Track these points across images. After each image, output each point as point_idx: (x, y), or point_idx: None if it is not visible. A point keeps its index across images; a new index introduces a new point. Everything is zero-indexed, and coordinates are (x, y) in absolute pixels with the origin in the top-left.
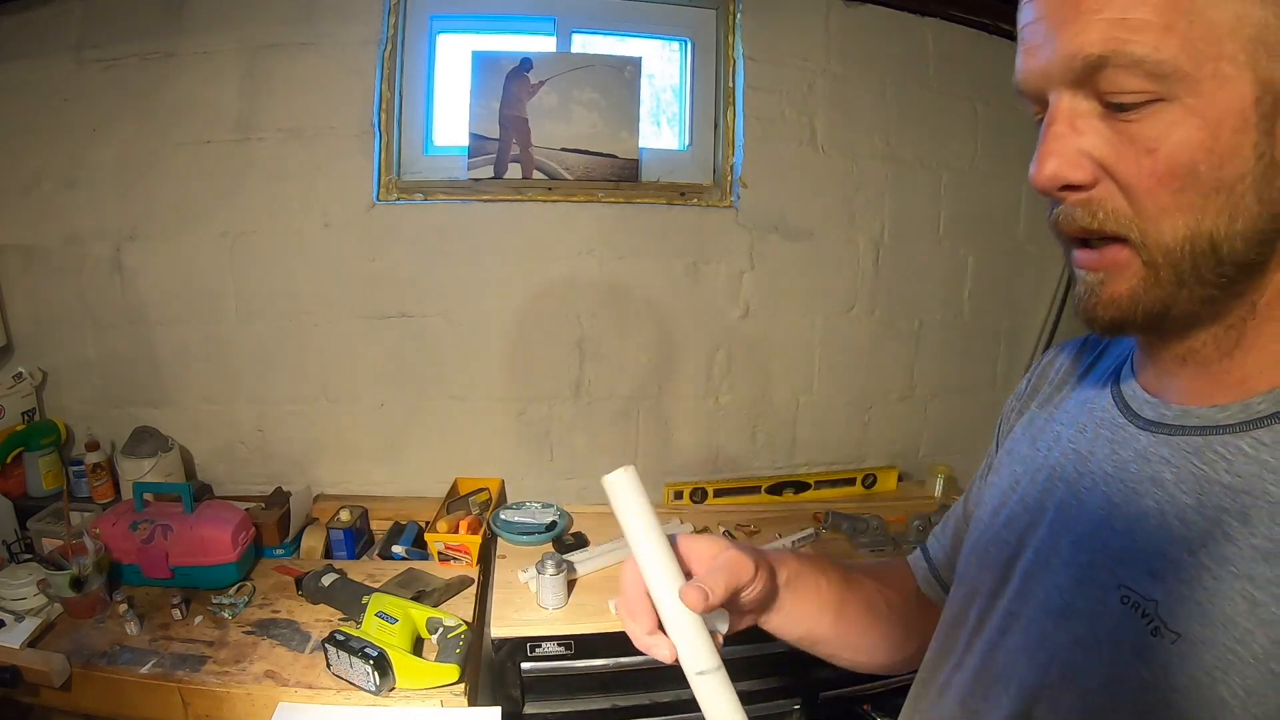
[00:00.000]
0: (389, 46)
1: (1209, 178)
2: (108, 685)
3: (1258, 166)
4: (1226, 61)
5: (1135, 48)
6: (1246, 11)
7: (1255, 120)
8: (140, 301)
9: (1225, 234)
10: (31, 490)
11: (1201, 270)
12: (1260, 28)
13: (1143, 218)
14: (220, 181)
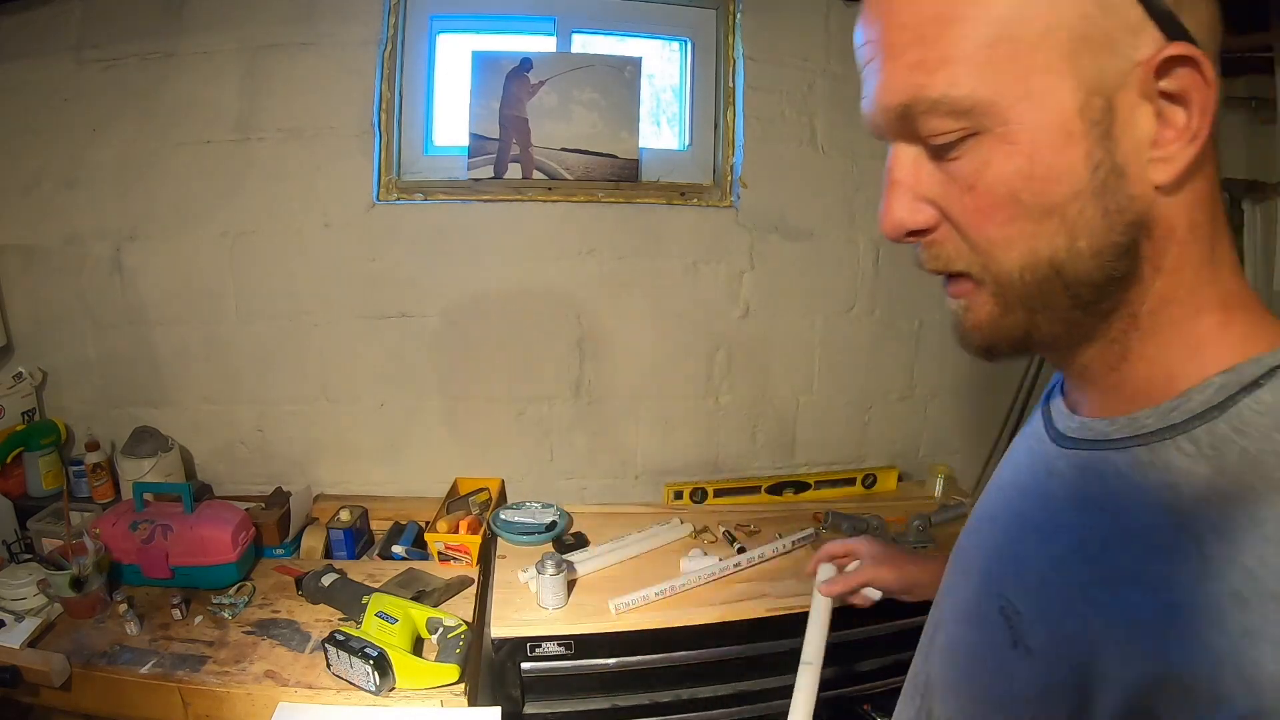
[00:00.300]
0: (389, 46)
1: (1034, 204)
2: (108, 685)
3: (1094, 179)
4: (1039, 76)
5: (931, 90)
6: (1062, 11)
7: (1083, 130)
8: (140, 301)
9: (1067, 256)
10: (31, 490)
11: (1050, 295)
12: (1078, 24)
13: (979, 253)
14: (220, 181)
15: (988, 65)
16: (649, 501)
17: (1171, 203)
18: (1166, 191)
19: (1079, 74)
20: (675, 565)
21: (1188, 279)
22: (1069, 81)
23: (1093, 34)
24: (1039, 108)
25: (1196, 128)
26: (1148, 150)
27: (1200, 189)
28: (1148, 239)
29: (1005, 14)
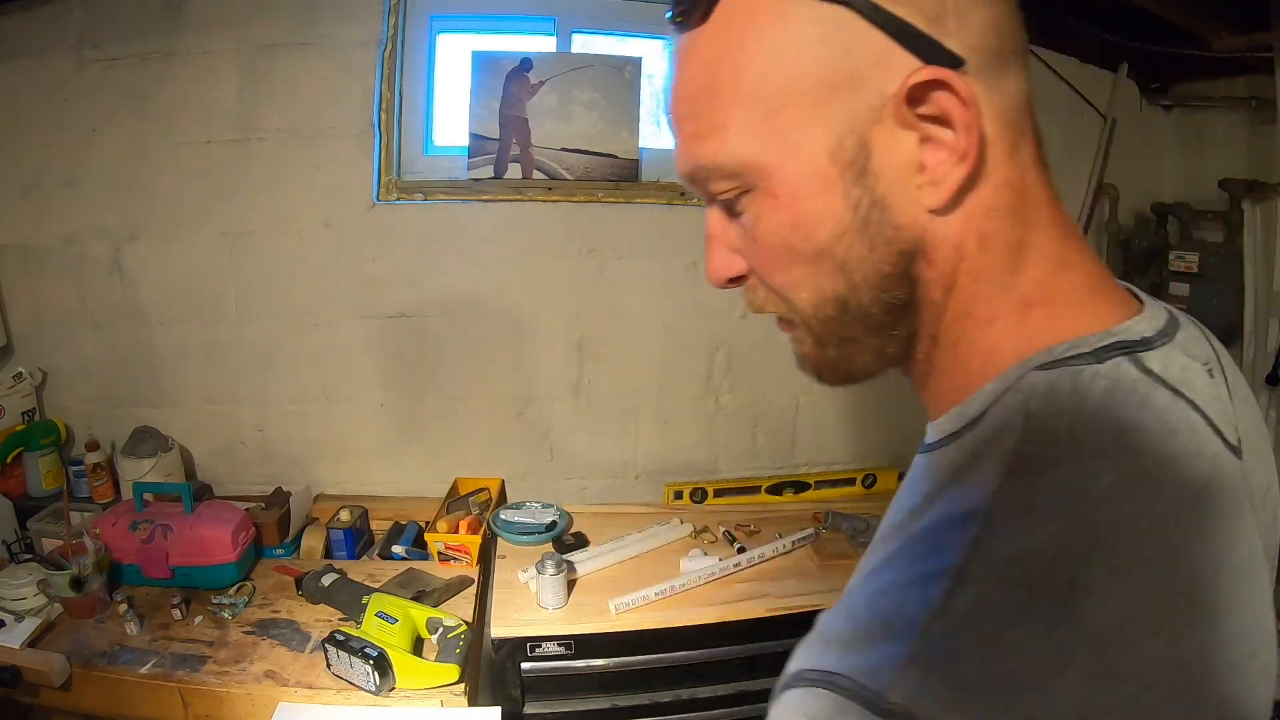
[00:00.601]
0: (389, 46)
1: (805, 249)
2: (108, 685)
3: (856, 217)
4: (792, 130)
5: (704, 158)
6: (805, 65)
7: (837, 173)
8: (140, 301)
9: (848, 291)
10: (31, 490)
11: (846, 328)
12: (824, 73)
13: (780, 295)
14: (220, 181)
15: (747, 128)
16: (649, 501)
17: (952, 222)
18: (944, 213)
19: (828, 121)
20: (675, 565)
21: (983, 291)
22: (819, 130)
23: (838, 79)
24: (795, 160)
25: (964, 147)
26: (915, 177)
27: (988, 200)
28: (926, 263)
29: (756, 78)
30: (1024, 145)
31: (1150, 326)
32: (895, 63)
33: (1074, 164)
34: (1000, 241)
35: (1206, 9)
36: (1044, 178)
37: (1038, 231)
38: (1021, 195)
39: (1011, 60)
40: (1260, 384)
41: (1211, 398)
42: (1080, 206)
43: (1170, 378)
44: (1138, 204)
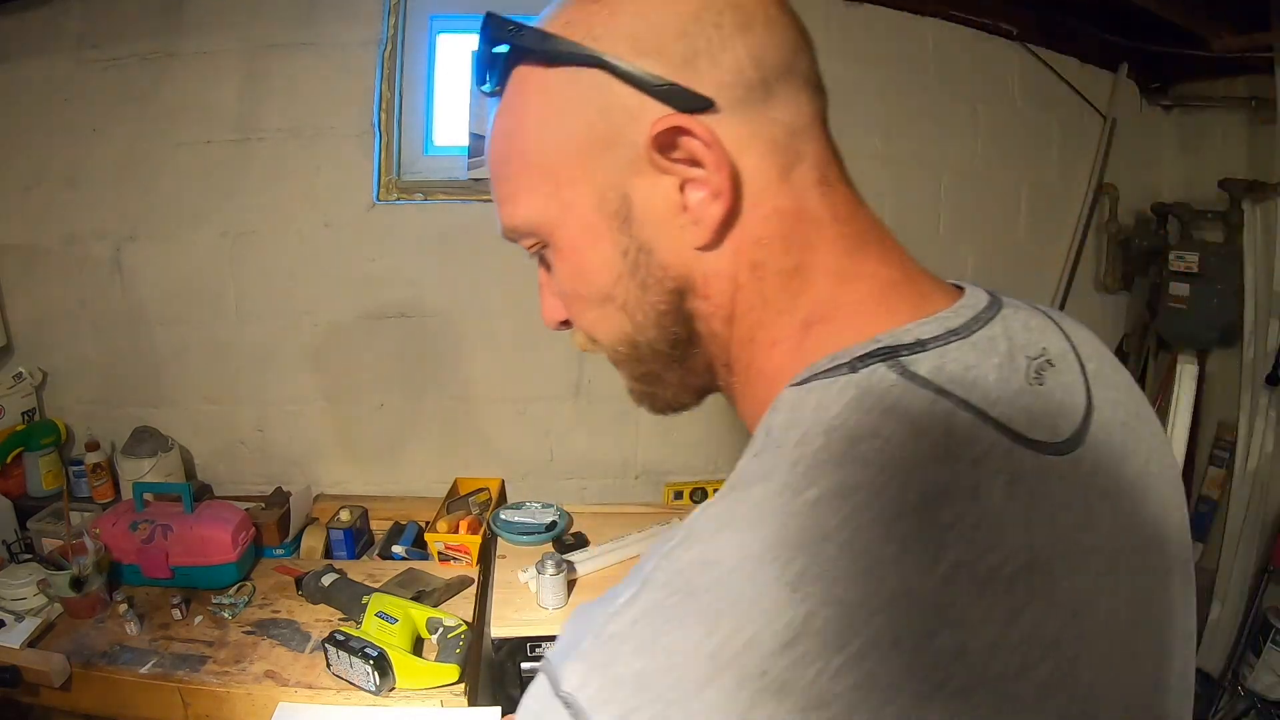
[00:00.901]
0: (389, 46)
1: (592, 295)
2: (108, 685)
3: (627, 262)
4: (565, 189)
5: (506, 219)
6: (570, 128)
7: (605, 224)
8: (140, 301)
9: (634, 330)
10: (31, 490)
11: (646, 363)
12: (585, 133)
13: (588, 336)
14: (220, 181)
15: (533, 192)
16: (649, 501)
17: (722, 255)
18: (710, 248)
19: (594, 177)
20: None
21: (763, 317)
22: (587, 187)
23: (598, 137)
24: (570, 216)
25: (717, 186)
26: (678, 219)
27: (757, 231)
28: (702, 298)
29: (534, 146)
30: (801, 168)
31: (940, 325)
32: (646, 114)
33: (1074, 164)
34: (774, 268)
35: (1206, 9)
36: (830, 195)
37: (819, 251)
38: (797, 219)
39: (780, 87)
40: (1260, 384)
41: (1010, 393)
42: (1080, 206)
43: (939, 378)
44: (1138, 204)
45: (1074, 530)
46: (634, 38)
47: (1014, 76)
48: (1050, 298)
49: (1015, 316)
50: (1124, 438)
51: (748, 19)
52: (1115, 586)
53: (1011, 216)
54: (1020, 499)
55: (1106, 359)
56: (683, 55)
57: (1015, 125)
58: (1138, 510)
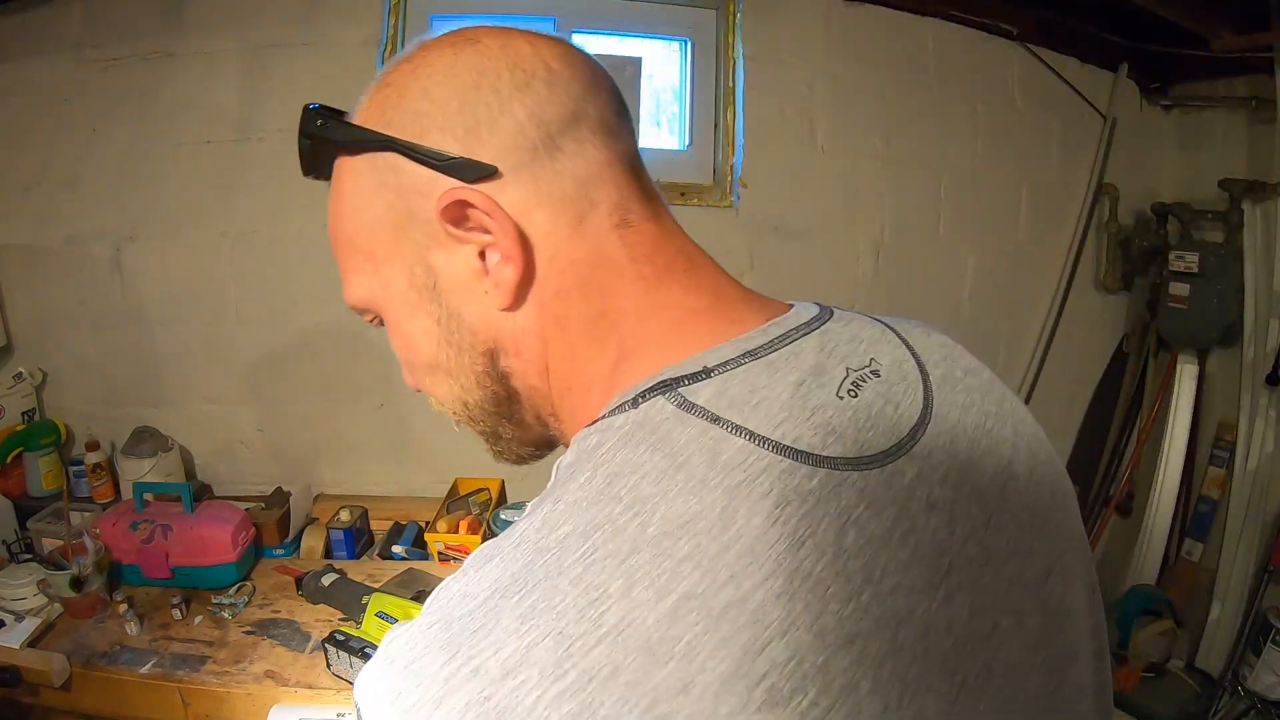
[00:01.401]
0: (389, 46)
1: (420, 363)
2: (108, 685)
3: (442, 330)
4: (383, 266)
5: (345, 297)
6: (376, 211)
7: (418, 297)
8: (140, 301)
9: (463, 391)
10: (31, 490)
11: (479, 422)
12: (388, 215)
13: (433, 398)
14: (220, 181)
15: (359, 273)
16: None
17: (526, 313)
18: (514, 309)
19: (402, 255)
20: None
21: (576, 365)
22: (399, 263)
23: (399, 216)
24: (389, 293)
25: (506, 249)
26: (480, 285)
27: (555, 285)
28: (513, 355)
29: (350, 229)
30: (595, 215)
31: (737, 348)
32: (435, 189)
33: (1074, 164)
34: (578, 318)
35: (1206, 9)
36: (629, 235)
37: (619, 294)
38: (593, 267)
39: (566, 140)
40: (1260, 384)
41: (806, 410)
42: (1080, 206)
43: (717, 404)
44: (1138, 204)
45: (879, 544)
46: (419, 116)
47: (1014, 76)
48: (1050, 298)
49: (842, 330)
50: (974, 442)
51: (526, 79)
52: (948, 597)
53: (1011, 216)
54: (789, 521)
55: (961, 363)
56: (465, 127)
57: (1015, 125)
58: (992, 516)
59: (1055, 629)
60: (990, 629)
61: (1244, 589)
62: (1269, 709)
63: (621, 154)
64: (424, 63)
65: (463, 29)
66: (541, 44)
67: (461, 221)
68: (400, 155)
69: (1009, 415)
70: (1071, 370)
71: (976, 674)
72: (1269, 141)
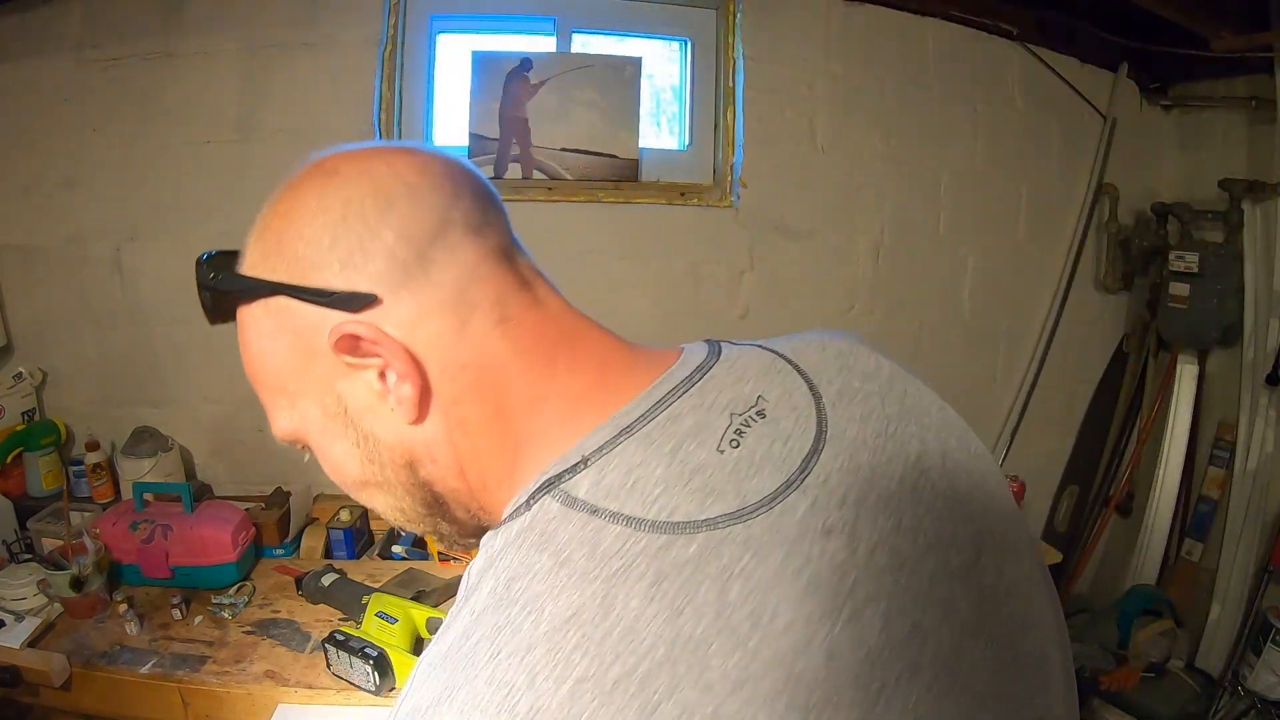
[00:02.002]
0: (389, 46)
1: (350, 482)
2: (108, 685)
3: (363, 451)
4: (299, 400)
5: (273, 431)
6: (281, 353)
7: (335, 425)
8: (140, 301)
9: (396, 501)
10: (31, 490)
11: (418, 524)
12: (292, 355)
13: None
14: (220, 182)
15: (279, 410)
16: None
17: (431, 423)
18: (420, 421)
19: (313, 389)
20: None
21: (485, 463)
22: (311, 397)
23: (301, 354)
24: (309, 424)
25: (399, 369)
26: (385, 404)
27: (451, 392)
28: (430, 463)
29: (261, 371)
30: (476, 316)
31: (614, 426)
32: (325, 325)
33: (1074, 164)
34: (477, 420)
35: (1206, 9)
36: (511, 329)
37: (510, 389)
38: (482, 368)
39: (437, 250)
40: (1260, 384)
41: (683, 477)
42: (1080, 206)
43: (596, 495)
44: (1138, 204)
45: (766, 588)
46: (299, 259)
47: (1014, 77)
48: (1050, 298)
49: (726, 373)
50: (877, 450)
51: (388, 200)
52: (854, 614)
53: (1011, 217)
54: (666, 595)
55: (859, 369)
56: (340, 260)
57: (1015, 125)
58: (903, 518)
59: (995, 606)
60: (909, 630)
61: (1244, 589)
62: (1269, 709)
63: (493, 249)
64: (294, 205)
65: (323, 160)
66: (398, 161)
67: (355, 350)
68: (289, 298)
69: (913, 411)
70: (1071, 370)
71: (899, 675)
72: (1269, 141)
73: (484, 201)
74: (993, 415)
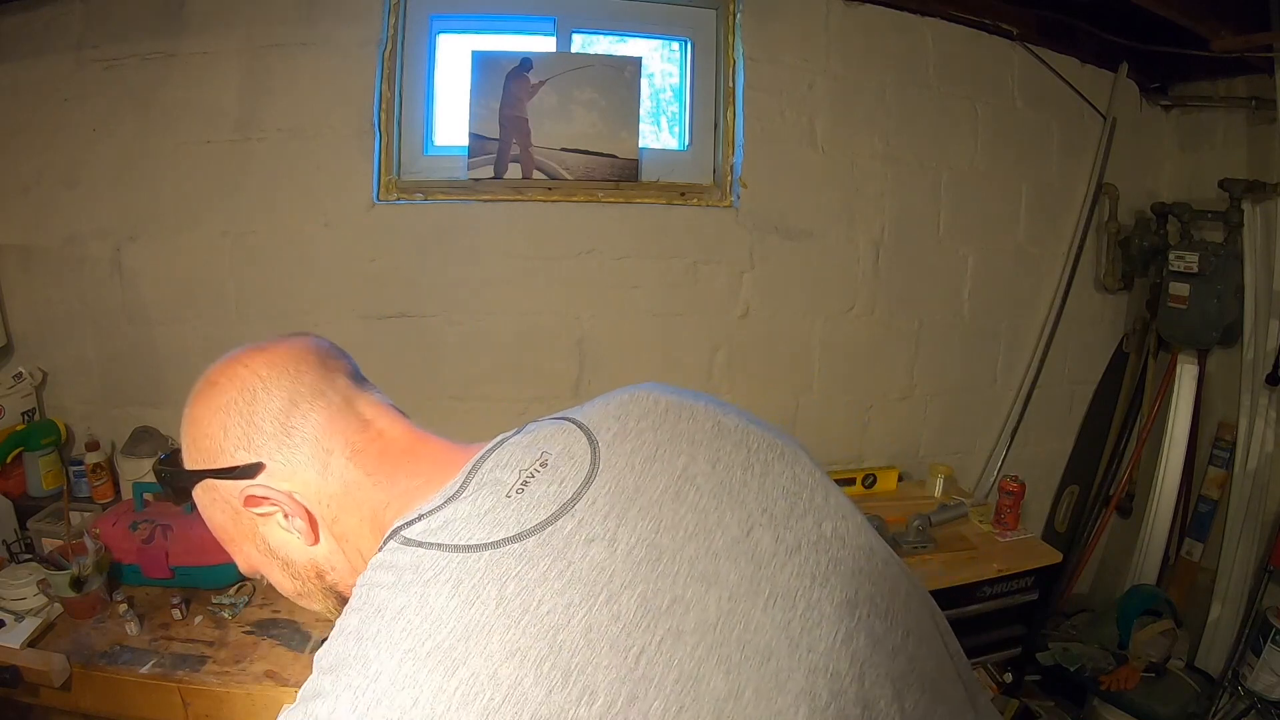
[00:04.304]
0: (389, 46)
1: (291, 593)
2: (108, 685)
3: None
4: (245, 545)
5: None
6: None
7: (268, 558)
8: (140, 301)
9: (323, 599)
10: (31, 490)
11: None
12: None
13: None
14: (220, 181)
15: (235, 554)
16: None
17: (325, 543)
18: (317, 543)
19: (246, 535)
20: None
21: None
22: (247, 542)
23: (232, 514)
24: (255, 560)
25: (291, 510)
26: (291, 537)
27: (329, 516)
28: (332, 571)
29: (218, 531)
30: (333, 458)
31: (442, 496)
32: (237, 491)
33: (1074, 164)
34: (354, 528)
35: (1206, 9)
36: (360, 458)
37: (369, 502)
38: (346, 493)
39: (295, 419)
40: (1260, 384)
41: (478, 515)
42: (1080, 206)
43: (424, 535)
44: (1138, 204)
45: (534, 584)
46: (207, 451)
47: (1014, 76)
48: (1050, 298)
49: (519, 441)
50: (643, 473)
51: (250, 395)
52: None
53: (1011, 216)
54: (462, 593)
55: (635, 412)
56: (234, 444)
57: (1015, 125)
58: (663, 520)
59: (772, 570)
60: (669, 603)
61: (1244, 589)
62: (1269, 709)
63: (336, 403)
64: (196, 414)
65: (208, 374)
66: (254, 361)
67: (260, 504)
68: (212, 479)
69: (684, 433)
70: (1072, 370)
71: (661, 639)
72: (1269, 141)
73: (323, 368)
74: (993, 415)
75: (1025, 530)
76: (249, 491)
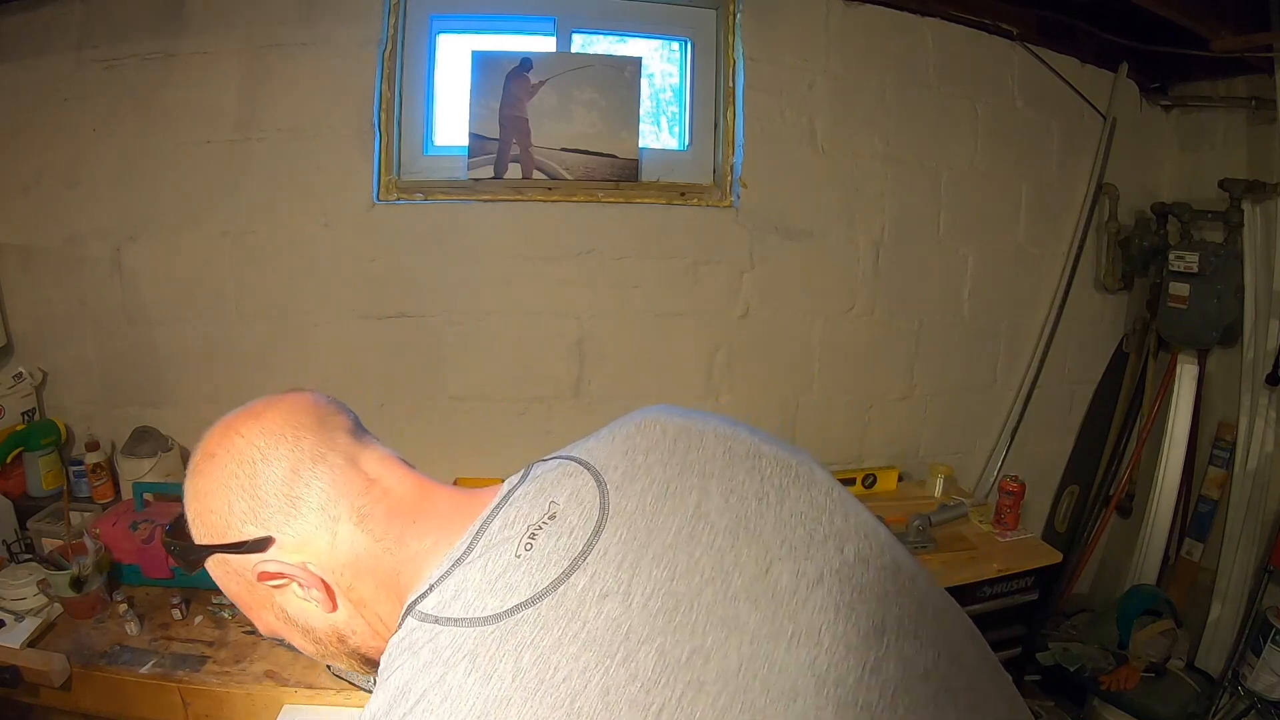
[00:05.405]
0: (389, 46)
1: (314, 654)
2: (108, 685)
3: (311, 638)
4: (264, 612)
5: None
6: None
7: (287, 624)
8: (140, 301)
9: (348, 660)
10: (31, 490)
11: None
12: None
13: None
14: (220, 181)
15: (255, 619)
16: None
17: (343, 609)
18: (335, 609)
19: (264, 604)
20: None
21: (386, 622)
22: (266, 610)
23: (247, 585)
24: (275, 625)
25: (305, 580)
26: (309, 605)
27: (344, 584)
28: (353, 635)
29: (233, 597)
30: (341, 525)
31: (449, 560)
32: (249, 565)
33: (1074, 164)
34: (369, 594)
35: (1206, 9)
36: (367, 524)
37: (380, 568)
38: (357, 559)
39: (299, 488)
40: (1260, 384)
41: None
42: (1080, 206)
43: (438, 609)
44: (1138, 204)
45: (549, 650)
46: (215, 526)
47: (1014, 76)
48: (1050, 298)
49: (526, 489)
50: (654, 514)
51: (251, 467)
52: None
53: (1011, 216)
54: (480, 669)
55: (643, 445)
56: (241, 517)
57: (1015, 125)
58: (679, 565)
59: (794, 607)
60: (688, 655)
61: (1244, 589)
62: (1269, 709)
63: (340, 464)
64: (198, 488)
65: (205, 444)
66: (251, 431)
67: (274, 577)
68: (226, 554)
69: (695, 464)
70: (1071, 370)
71: (681, 694)
72: (1269, 141)
73: (321, 428)
74: (993, 415)
75: (1025, 530)
76: (262, 569)
